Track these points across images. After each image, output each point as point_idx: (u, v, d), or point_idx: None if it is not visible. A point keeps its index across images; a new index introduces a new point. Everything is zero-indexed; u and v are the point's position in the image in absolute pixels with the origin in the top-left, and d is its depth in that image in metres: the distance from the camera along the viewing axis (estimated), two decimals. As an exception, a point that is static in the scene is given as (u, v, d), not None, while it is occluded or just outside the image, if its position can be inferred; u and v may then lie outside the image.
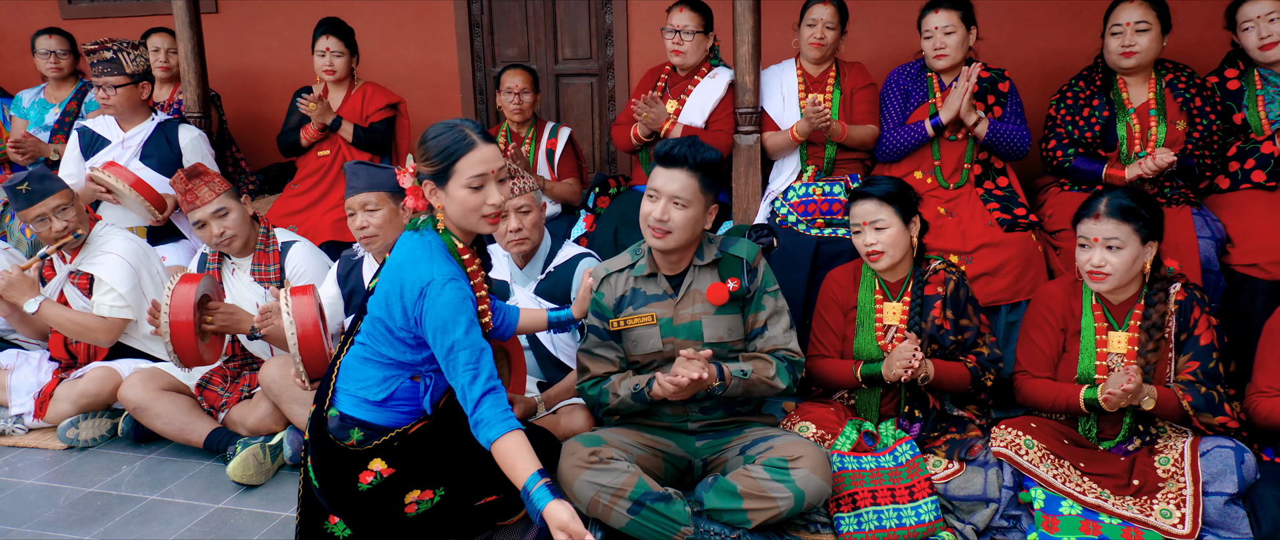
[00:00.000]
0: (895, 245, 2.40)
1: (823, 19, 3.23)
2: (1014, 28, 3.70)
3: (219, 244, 2.85)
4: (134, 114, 3.43)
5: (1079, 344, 2.30)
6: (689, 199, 2.18)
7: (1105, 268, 2.20)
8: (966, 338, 2.42)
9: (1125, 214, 2.18)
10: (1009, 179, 3.17)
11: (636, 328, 2.31)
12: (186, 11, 3.61)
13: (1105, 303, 2.31)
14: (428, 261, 1.86)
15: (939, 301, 2.41)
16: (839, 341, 2.54)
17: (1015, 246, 2.89)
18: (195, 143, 3.46)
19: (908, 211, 2.41)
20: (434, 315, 1.82)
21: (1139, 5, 2.95)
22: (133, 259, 2.87)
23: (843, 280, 2.56)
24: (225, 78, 4.49)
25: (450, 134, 1.89)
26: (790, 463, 2.11)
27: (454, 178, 1.88)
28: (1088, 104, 3.08)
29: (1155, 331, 2.24)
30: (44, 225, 2.82)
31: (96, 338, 2.84)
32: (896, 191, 2.41)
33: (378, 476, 1.93)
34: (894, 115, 3.23)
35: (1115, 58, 3.00)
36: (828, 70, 3.34)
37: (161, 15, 4.63)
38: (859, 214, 2.43)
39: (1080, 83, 3.14)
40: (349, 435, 1.95)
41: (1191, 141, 2.95)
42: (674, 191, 2.18)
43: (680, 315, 2.29)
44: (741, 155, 3.20)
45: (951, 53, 3.09)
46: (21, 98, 4.09)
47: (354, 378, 1.98)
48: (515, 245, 2.75)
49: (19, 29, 4.43)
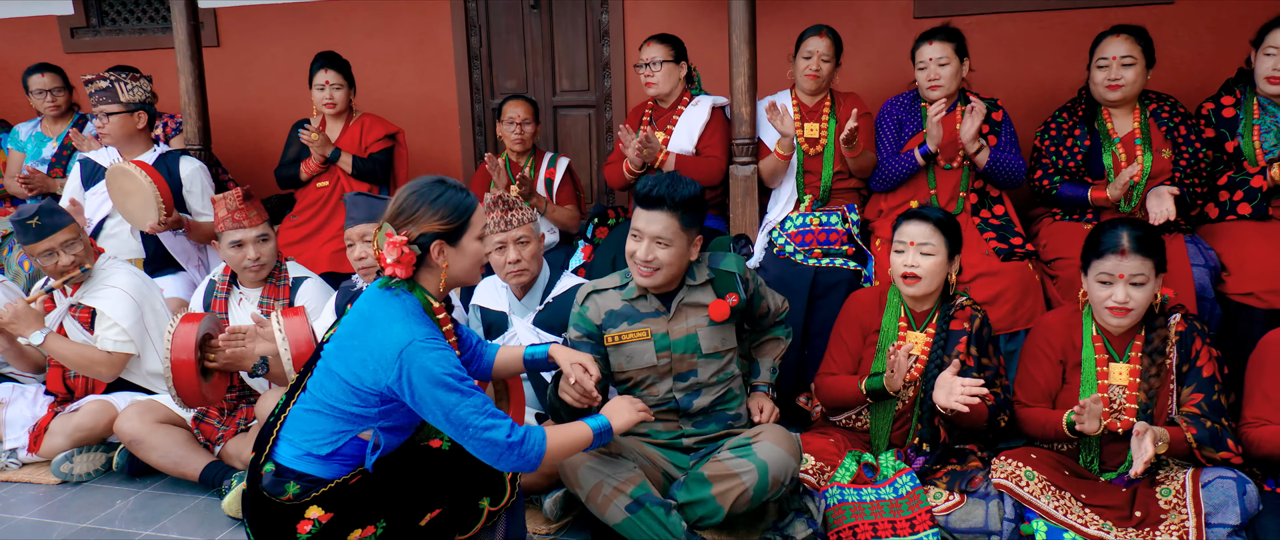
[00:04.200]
0: (935, 275, 2.40)
1: (818, 51, 3.26)
2: (1003, 59, 3.74)
3: (248, 268, 2.87)
4: (132, 144, 3.44)
5: (1080, 376, 2.30)
6: (671, 238, 2.24)
7: (1130, 304, 2.20)
8: (987, 376, 2.41)
9: (1147, 248, 2.19)
10: (1005, 208, 3.19)
11: (630, 343, 2.35)
12: (188, 46, 3.64)
13: (1106, 334, 2.31)
14: (402, 322, 1.82)
15: (964, 338, 2.41)
16: (853, 362, 2.53)
17: (1012, 275, 2.89)
18: (196, 174, 3.47)
19: (955, 246, 2.42)
20: (424, 377, 1.78)
21: (1124, 39, 2.99)
22: (135, 293, 2.87)
23: (867, 302, 2.57)
24: (225, 111, 4.52)
25: (454, 191, 1.89)
26: (752, 439, 2.23)
27: (469, 232, 1.90)
28: (1070, 134, 3.11)
29: (1157, 360, 2.23)
30: (51, 259, 2.81)
31: (99, 372, 2.83)
32: (951, 223, 2.43)
33: (316, 523, 1.86)
34: (888, 145, 3.25)
35: (1101, 90, 3.04)
36: (823, 100, 3.37)
37: (164, 48, 4.68)
38: (908, 234, 2.42)
39: (1064, 114, 3.18)
40: (284, 489, 1.88)
41: (1179, 170, 2.98)
42: (656, 232, 2.23)
43: (675, 330, 2.35)
44: (738, 185, 3.22)
45: (945, 83, 3.12)
46: (18, 131, 4.11)
47: (300, 429, 1.91)
48: (514, 276, 2.76)
49: (21, 61, 4.46)
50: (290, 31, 4.56)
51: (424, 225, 1.86)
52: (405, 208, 1.87)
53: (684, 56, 3.45)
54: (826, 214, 3.21)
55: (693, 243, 2.30)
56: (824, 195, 3.30)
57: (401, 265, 1.86)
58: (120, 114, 3.34)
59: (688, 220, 2.25)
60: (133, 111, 3.37)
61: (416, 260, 1.88)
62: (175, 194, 3.42)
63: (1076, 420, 2.15)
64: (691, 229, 2.27)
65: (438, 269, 1.90)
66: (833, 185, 3.29)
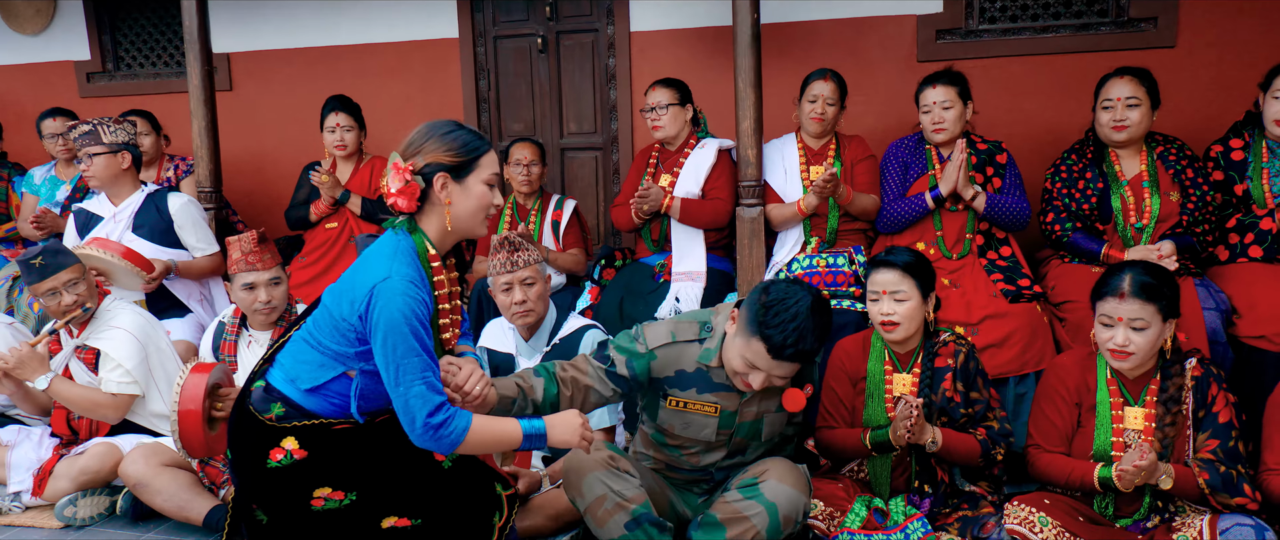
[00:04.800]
0: (912, 318, 2.39)
1: (823, 94, 3.30)
2: (1007, 101, 3.77)
3: (259, 311, 2.88)
4: (120, 186, 3.45)
5: (1094, 419, 2.27)
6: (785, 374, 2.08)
7: (1129, 347, 2.18)
8: (977, 411, 2.40)
9: (1150, 293, 2.17)
10: (1012, 249, 3.19)
11: (694, 414, 2.21)
12: (202, 90, 3.70)
13: (1121, 378, 2.29)
14: (389, 260, 1.77)
15: (949, 374, 2.40)
16: (848, 412, 2.51)
17: (1021, 317, 2.88)
18: (185, 208, 3.48)
19: (927, 286, 2.41)
20: (382, 317, 1.72)
21: (1128, 81, 3.01)
22: (140, 334, 2.88)
23: (851, 350, 2.55)
24: (236, 154, 4.57)
25: (467, 132, 1.85)
26: (759, 478, 2.14)
27: (476, 172, 1.83)
28: (1081, 177, 3.11)
29: (1173, 406, 2.21)
30: (54, 299, 2.83)
31: (105, 415, 2.82)
32: (919, 264, 2.42)
33: (289, 456, 1.83)
34: (894, 187, 3.26)
35: (1107, 132, 3.05)
36: (828, 143, 3.39)
37: (177, 92, 4.74)
38: (879, 282, 2.42)
39: (1073, 156, 3.18)
40: (269, 409, 1.86)
41: (1186, 213, 2.97)
42: (779, 375, 2.06)
43: (745, 411, 2.21)
44: (745, 227, 3.23)
45: (949, 127, 3.15)
46: (33, 175, 4.16)
47: (293, 356, 1.89)
48: (520, 317, 2.76)
49: (38, 106, 4.52)
50: (301, 75, 4.63)
51: (430, 155, 1.81)
52: (415, 139, 1.84)
53: (689, 99, 3.49)
54: (833, 256, 3.21)
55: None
56: (830, 237, 3.30)
57: (404, 196, 1.80)
58: (104, 155, 3.36)
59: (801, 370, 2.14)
60: (116, 152, 3.39)
61: (420, 194, 1.81)
62: (166, 230, 3.44)
63: (1116, 475, 2.11)
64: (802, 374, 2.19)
65: (441, 207, 1.83)
66: (839, 227, 3.30)
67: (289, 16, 4.59)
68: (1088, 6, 3.76)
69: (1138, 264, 2.23)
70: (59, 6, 4.92)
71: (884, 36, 3.92)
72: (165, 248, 3.41)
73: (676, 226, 3.36)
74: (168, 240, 3.42)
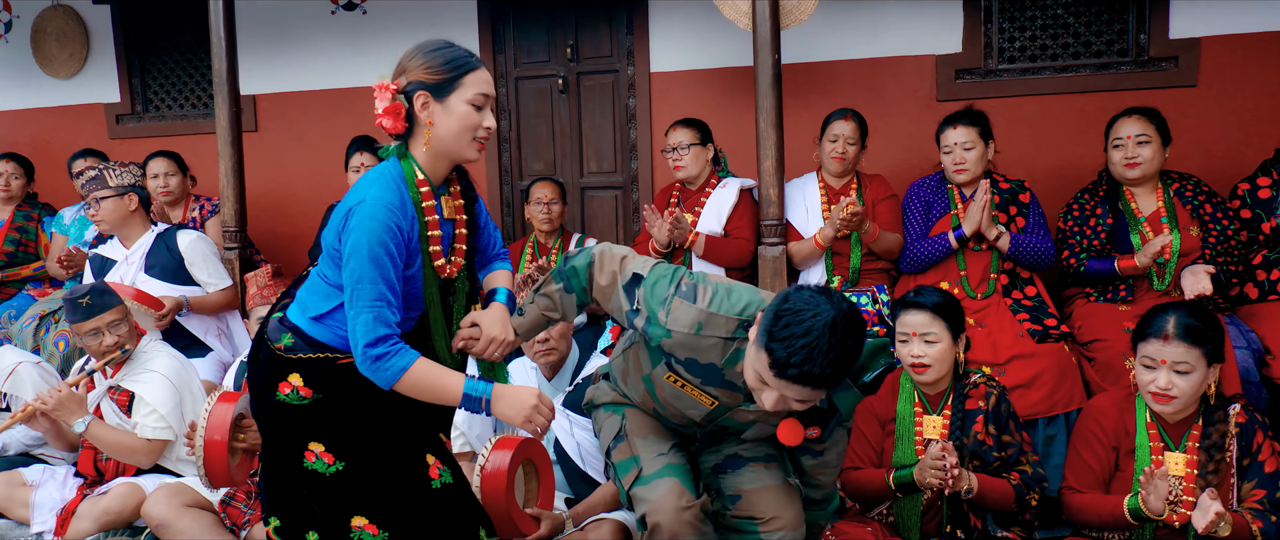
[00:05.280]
0: (943, 360, 2.37)
1: (844, 134, 3.31)
2: (1025, 140, 3.77)
3: None
4: (130, 228, 3.49)
5: (1133, 463, 2.23)
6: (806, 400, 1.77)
7: (1172, 391, 2.14)
8: (1009, 455, 2.36)
9: (1194, 337, 2.14)
10: (1037, 289, 3.16)
11: (689, 396, 2.00)
12: (229, 131, 3.75)
13: (1161, 422, 2.25)
14: (372, 184, 1.73)
15: (980, 416, 2.36)
16: (876, 454, 2.48)
17: (1049, 358, 2.85)
18: (194, 244, 3.50)
19: (957, 327, 2.40)
20: (349, 240, 1.69)
21: (1137, 119, 3.02)
22: (176, 378, 2.88)
23: (880, 391, 2.53)
24: (260, 194, 4.63)
25: (454, 49, 1.78)
26: (761, 527, 2.05)
27: (458, 91, 1.76)
28: (1093, 213, 3.11)
29: (1216, 453, 2.17)
30: (96, 339, 2.84)
31: (138, 459, 2.82)
32: (949, 305, 2.40)
33: (295, 392, 1.81)
34: (917, 227, 3.26)
35: (1120, 170, 3.05)
36: (849, 182, 3.40)
37: (204, 133, 4.83)
38: (908, 324, 2.40)
39: (1086, 195, 3.19)
40: (281, 337, 1.83)
41: (1208, 248, 2.96)
42: (799, 399, 1.74)
43: (741, 414, 2.01)
44: (768, 266, 3.23)
45: (971, 167, 3.15)
46: (63, 215, 4.22)
47: (307, 286, 1.88)
48: (543, 356, 2.75)
49: (68, 147, 4.62)
50: (325, 116, 4.70)
51: (413, 73, 1.76)
52: (402, 58, 1.79)
53: (710, 139, 3.52)
54: (856, 295, 3.20)
55: None
56: (853, 276, 3.29)
57: (388, 115, 1.76)
58: (111, 198, 3.40)
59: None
60: (123, 194, 3.43)
61: (406, 115, 1.77)
62: (177, 268, 3.47)
63: (1142, 495, 2.06)
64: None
65: (423, 128, 1.77)
66: (861, 266, 3.29)
67: (314, 59, 4.67)
68: (1107, 46, 3.77)
69: (1182, 306, 2.20)
70: (91, 51, 5.04)
71: (903, 76, 3.94)
72: (178, 285, 3.44)
73: (698, 264, 3.36)
74: (180, 278, 3.44)
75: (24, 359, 3.18)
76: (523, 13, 4.47)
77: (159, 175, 4.06)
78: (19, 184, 4.31)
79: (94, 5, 4.98)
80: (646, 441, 2.14)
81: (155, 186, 4.04)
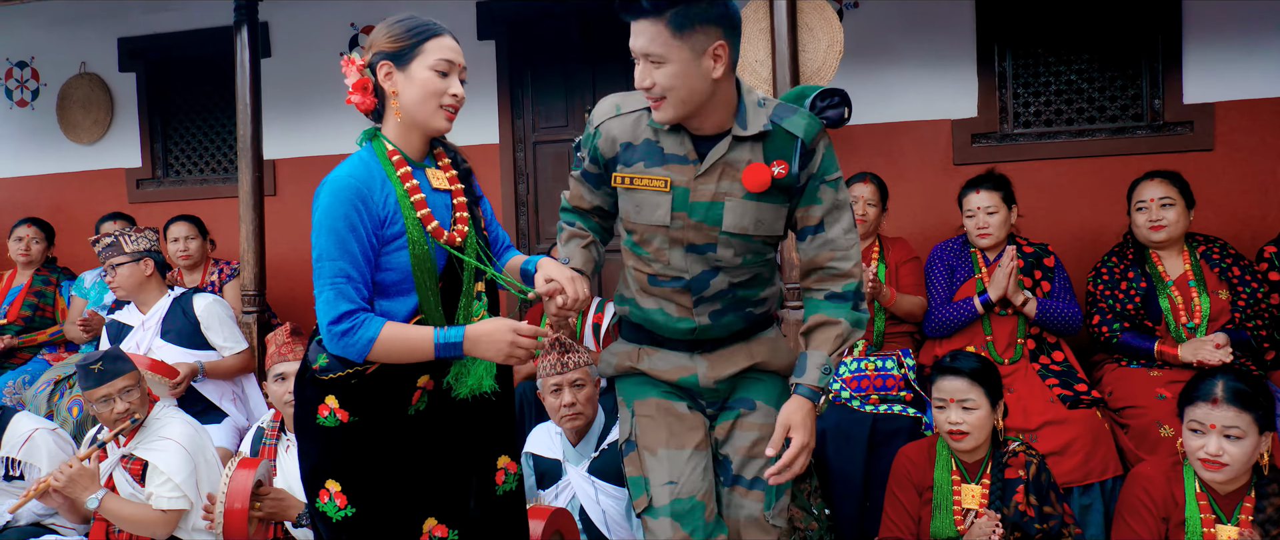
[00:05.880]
0: (981, 427, 2.33)
1: (863, 196, 3.33)
2: (1045, 203, 3.78)
3: (288, 403, 2.84)
4: (146, 293, 3.49)
5: (1183, 535, 2.17)
6: (663, 53, 1.70)
7: (1223, 457, 2.10)
8: (1052, 526, 2.30)
9: (1244, 401, 2.11)
10: (1064, 353, 3.13)
11: (643, 191, 1.86)
12: (252, 195, 3.78)
13: (1212, 492, 2.20)
14: (339, 167, 1.73)
15: (1021, 486, 2.31)
16: (913, 523, 2.42)
17: (1082, 424, 2.80)
18: (210, 308, 3.50)
19: (996, 393, 2.36)
20: (314, 218, 1.69)
21: (1160, 182, 3.03)
22: (190, 445, 2.84)
23: (917, 458, 2.48)
24: (277, 258, 4.64)
25: (417, 18, 1.77)
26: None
27: (419, 58, 1.73)
28: (1123, 278, 3.10)
29: (1271, 529, 2.11)
30: (106, 406, 2.81)
31: (154, 531, 2.76)
32: (986, 371, 2.37)
33: (332, 414, 1.75)
34: (941, 291, 3.24)
35: (1145, 233, 3.05)
36: (871, 245, 3.40)
37: (222, 197, 4.87)
38: (946, 390, 2.37)
39: (1114, 258, 3.18)
40: (317, 358, 1.79)
41: (1238, 311, 2.93)
42: (642, 47, 1.72)
43: (700, 190, 1.82)
44: (789, 329, 3.20)
45: (995, 231, 3.15)
46: (83, 279, 4.23)
47: None
48: (569, 421, 2.71)
49: (89, 212, 4.66)
50: (345, 181, 4.73)
51: (376, 46, 1.75)
52: (381, 26, 1.78)
53: (733, 203, 3.52)
54: (882, 359, 3.16)
55: (708, 56, 1.70)
56: (877, 340, 3.26)
57: (356, 91, 1.76)
58: (127, 264, 3.42)
59: (681, 22, 1.66)
60: (138, 260, 3.44)
61: (374, 90, 1.77)
62: (193, 332, 3.45)
63: None
64: (693, 34, 1.68)
65: (390, 99, 1.75)
66: (886, 330, 3.26)
67: (334, 124, 4.74)
68: (1122, 111, 3.81)
69: (1231, 370, 2.17)
70: (114, 117, 5.12)
71: (919, 140, 3.98)
72: (194, 350, 3.42)
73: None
74: (196, 343, 3.43)
75: (40, 426, 3.13)
76: (541, 78, 4.54)
77: (179, 239, 4.07)
78: (39, 248, 4.33)
79: (120, 73, 5.09)
80: (656, 459, 1.94)
81: (175, 250, 4.06)
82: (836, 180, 1.85)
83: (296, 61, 4.76)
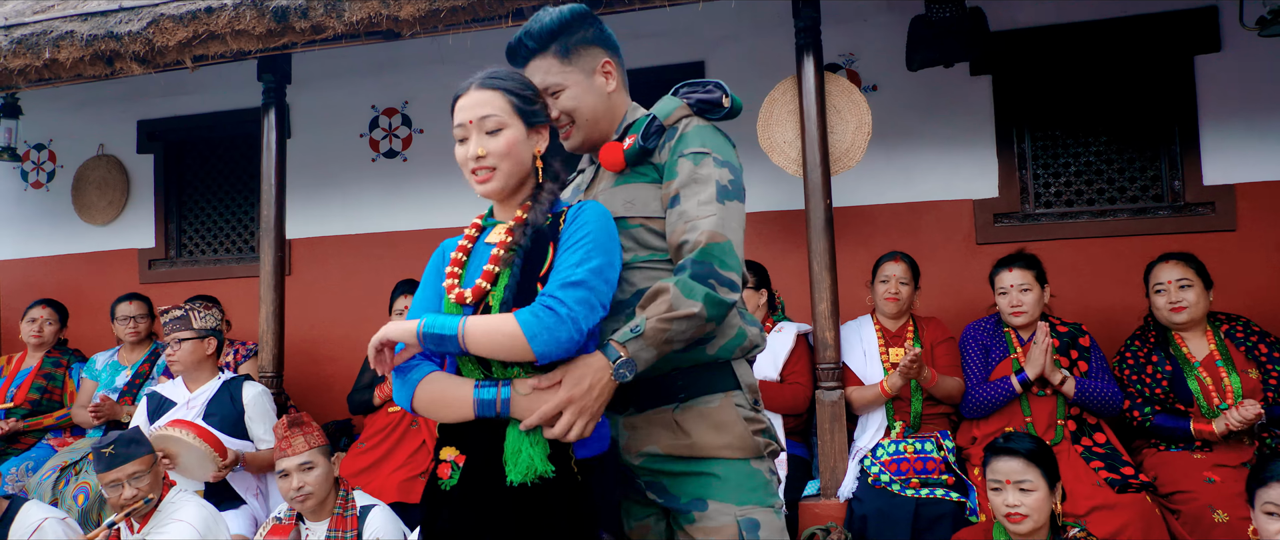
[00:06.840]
0: (1040, 510, 2.26)
1: (896, 275, 3.32)
2: (1068, 283, 3.76)
3: (295, 498, 2.74)
4: (199, 372, 3.44)
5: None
6: (558, 81, 1.79)
7: None
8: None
9: None
10: (1106, 435, 3.07)
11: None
12: (273, 275, 3.74)
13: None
14: None
15: None
16: (972, 619, 2.32)
17: (1132, 509, 2.72)
18: (258, 399, 3.44)
19: (1053, 475, 2.30)
20: None
21: (1176, 264, 3.04)
22: (203, 528, 2.74)
23: None
24: (292, 338, 4.57)
25: (462, 83, 1.75)
26: None
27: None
28: (1148, 361, 3.07)
29: None
30: (114, 491, 2.72)
31: None
32: (1042, 451, 2.32)
33: (454, 467, 1.60)
34: (976, 371, 3.20)
35: (1166, 315, 3.04)
36: (905, 325, 3.37)
37: (235, 278, 4.83)
38: (1001, 471, 2.30)
39: (1136, 342, 3.16)
40: None
41: (1271, 389, 2.90)
42: (539, 82, 1.78)
43: (598, 196, 1.82)
44: (825, 411, 3.13)
45: (1028, 310, 3.13)
46: (95, 360, 4.15)
47: None
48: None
49: (100, 293, 4.60)
50: (357, 260, 4.71)
51: None
52: None
53: (766, 283, 3.50)
54: (920, 441, 3.09)
55: (598, 73, 1.82)
56: (915, 421, 3.20)
57: None
58: (192, 341, 3.39)
59: (565, 49, 1.80)
60: (203, 337, 3.42)
61: None
62: (237, 420, 3.37)
63: None
64: (579, 57, 1.81)
65: None
66: (923, 411, 3.21)
67: (352, 206, 4.74)
68: (1142, 192, 3.85)
69: None
70: (129, 198, 5.11)
71: (942, 219, 4.00)
72: (233, 438, 3.33)
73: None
74: (236, 431, 3.35)
75: (49, 515, 3.02)
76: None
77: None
78: (52, 330, 4.26)
79: (138, 155, 5.11)
80: None
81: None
82: (698, 155, 1.72)
83: (317, 142, 4.79)
